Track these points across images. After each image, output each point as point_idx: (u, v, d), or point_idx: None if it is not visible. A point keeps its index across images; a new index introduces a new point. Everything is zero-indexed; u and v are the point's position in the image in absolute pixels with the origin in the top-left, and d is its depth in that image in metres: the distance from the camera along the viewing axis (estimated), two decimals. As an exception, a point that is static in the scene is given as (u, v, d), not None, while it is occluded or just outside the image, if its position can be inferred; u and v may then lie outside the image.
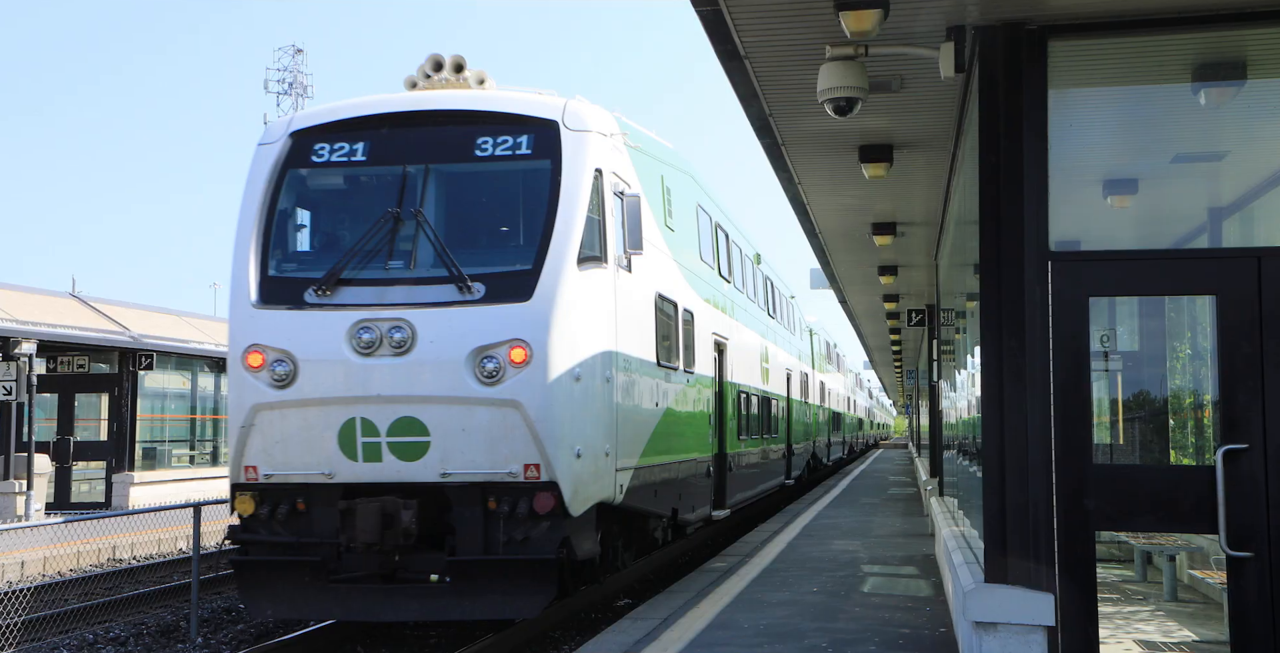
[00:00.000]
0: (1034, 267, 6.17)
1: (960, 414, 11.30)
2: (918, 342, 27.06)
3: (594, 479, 9.69)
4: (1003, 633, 6.01)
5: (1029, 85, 6.25)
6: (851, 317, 25.95)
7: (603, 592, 12.14)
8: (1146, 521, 6.42)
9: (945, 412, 15.14)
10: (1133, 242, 7.45)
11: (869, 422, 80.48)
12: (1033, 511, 6.10)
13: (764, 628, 9.01)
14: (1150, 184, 7.41)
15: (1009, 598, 6.03)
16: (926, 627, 9.06)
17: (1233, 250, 6.72)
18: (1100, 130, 7.18)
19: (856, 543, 15.34)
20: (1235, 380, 6.00)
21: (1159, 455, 10.66)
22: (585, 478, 9.49)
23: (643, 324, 11.35)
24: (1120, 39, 6.44)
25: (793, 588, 11.13)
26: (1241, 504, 5.88)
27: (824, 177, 10.69)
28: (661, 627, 9.09)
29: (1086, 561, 6.08)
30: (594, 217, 9.81)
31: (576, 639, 10.61)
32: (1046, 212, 6.19)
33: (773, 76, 7.68)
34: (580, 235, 9.51)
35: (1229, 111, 6.75)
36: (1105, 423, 10.37)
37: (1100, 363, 9.19)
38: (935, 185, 11.03)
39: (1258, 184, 7.26)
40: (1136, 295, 8.35)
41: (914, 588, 11.20)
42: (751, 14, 6.55)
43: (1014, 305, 6.22)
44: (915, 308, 20.42)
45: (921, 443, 32.05)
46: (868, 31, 6.21)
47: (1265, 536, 5.87)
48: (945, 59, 6.59)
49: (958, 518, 10.83)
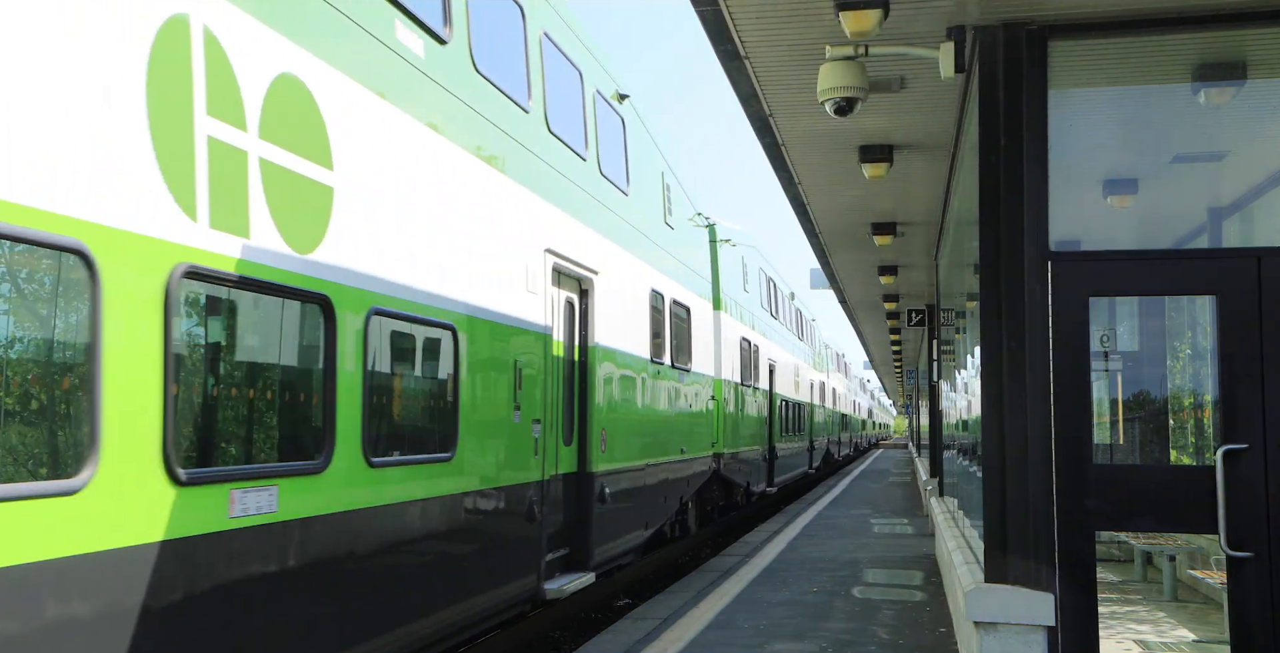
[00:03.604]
0: (1034, 267, 6.17)
1: (960, 414, 11.30)
2: (918, 342, 27.03)
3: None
4: (1003, 633, 6.01)
5: (1029, 85, 6.25)
6: (851, 317, 25.92)
7: (603, 592, 12.14)
8: (1146, 521, 6.41)
9: (945, 412, 15.12)
10: (1133, 242, 7.44)
11: (870, 422, 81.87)
12: (1033, 511, 6.10)
13: (764, 628, 9.01)
14: (1150, 184, 7.40)
15: (1009, 598, 6.03)
16: (927, 627, 9.07)
17: (1233, 250, 6.71)
18: (1100, 130, 7.17)
19: (856, 543, 15.34)
20: (1235, 380, 6.00)
21: (1159, 455, 10.66)
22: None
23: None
24: (1120, 39, 6.43)
25: (792, 588, 11.13)
26: (1241, 504, 5.88)
27: (824, 177, 10.68)
28: (661, 627, 9.09)
29: (1086, 561, 6.08)
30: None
31: (576, 639, 10.61)
32: (1046, 212, 6.19)
33: (773, 76, 7.67)
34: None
35: (1229, 111, 6.74)
36: (1105, 423, 10.37)
37: (1100, 363, 9.18)
38: (935, 185, 11.02)
39: (1258, 184, 7.25)
40: (1136, 295, 8.35)
41: (914, 589, 11.20)
42: (751, 14, 6.55)
43: (1014, 305, 6.22)
44: (915, 308, 20.39)
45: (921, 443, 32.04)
46: (868, 31, 6.21)
47: (1265, 536, 5.87)
48: (945, 59, 6.58)
49: (958, 518, 10.82)
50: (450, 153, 7.48)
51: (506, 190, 8.49)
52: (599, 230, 10.78)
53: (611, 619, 11.01)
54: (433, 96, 7.25)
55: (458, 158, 7.60)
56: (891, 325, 25.02)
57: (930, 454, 19.91)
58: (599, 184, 11.02)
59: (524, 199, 8.80)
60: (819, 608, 9.95)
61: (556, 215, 9.52)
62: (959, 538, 9.40)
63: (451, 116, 7.53)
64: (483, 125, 8.05)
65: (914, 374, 34.39)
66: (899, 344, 30.70)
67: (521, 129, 8.83)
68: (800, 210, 12.37)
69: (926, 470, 21.39)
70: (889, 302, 20.86)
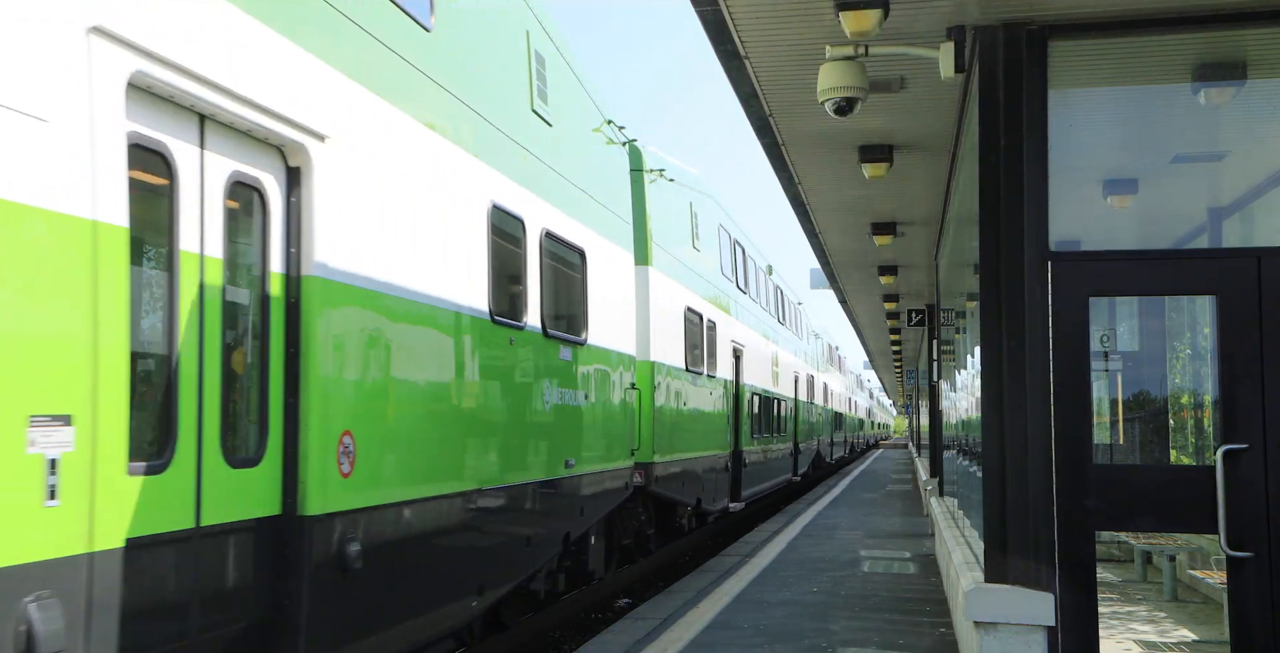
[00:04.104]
0: (1034, 267, 6.17)
1: (960, 414, 11.30)
2: (918, 342, 27.03)
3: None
4: (1003, 633, 6.01)
5: (1029, 85, 6.24)
6: (851, 316, 25.93)
7: (602, 592, 12.14)
8: (1146, 521, 6.42)
9: (945, 412, 15.13)
10: (1133, 242, 7.44)
11: (869, 422, 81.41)
12: (1033, 511, 6.10)
13: (764, 628, 9.01)
14: (1150, 184, 7.40)
15: (1009, 598, 6.03)
16: (927, 627, 9.07)
17: (1233, 250, 6.71)
18: (1100, 130, 7.17)
19: (856, 543, 15.34)
20: (1235, 380, 6.00)
21: (1159, 455, 10.66)
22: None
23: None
24: (1120, 39, 6.43)
25: (792, 588, 11.14)
26: (1241, 504, 5.88)
27: (824, 177, 10.68)
28: (661, 627, 9.09)
29: (1086, 561, 6.08)
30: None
31: (576, 639, 10.61)
32: (1046, 212, 6.19)
33: (773, 76, 7.67)
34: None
35: (1229, 111, 6.75)
36: (1105, 423, 10.37)
37: (1100, 363, 9.18)
38: (935, 185, 11.02)
39: (1258, 184, 7.26)
40: (1136, 295, 8.35)
41: (914, 588, 11.20)
42: (751, 14, 6.55)
43: (1014, 305, 6.22)
44: (915, 308, 20.40)
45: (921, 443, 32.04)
46: (868, 31, 6.21)
47: (1265, 536, 5.87)
48: (945, 59, 6.58)
49: (958, 518, 10.82)
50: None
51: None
52: (314, 52, 5.73)
53: (611, 619, 11.01)
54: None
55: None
56: (891, 325, 25.03)
57: (930, 454, 19.91)
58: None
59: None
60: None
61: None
62: (959, 538, 9.40)
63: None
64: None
65: (914, 374, 34.40)
66: (899, 344, 30.70)
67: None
68: (800, 210, 12.38)
69: (927, 471, 21.39)
70: (889, 302, 20.87)
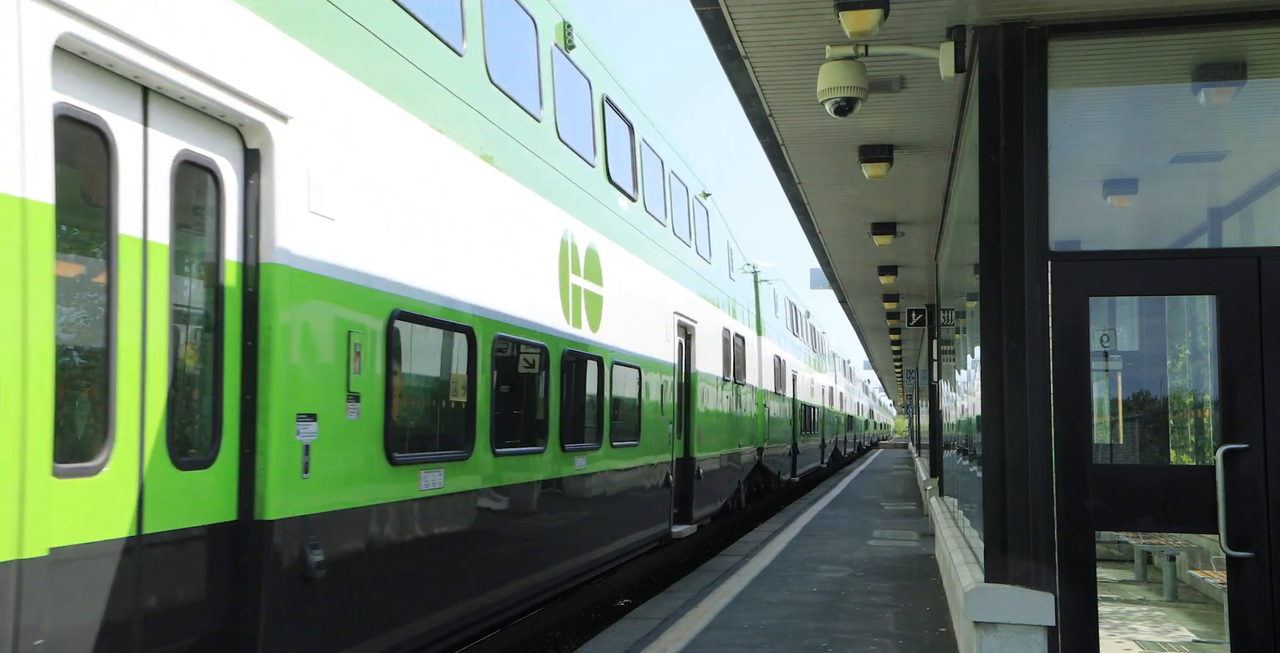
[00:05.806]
0: (1034, 267, 6.17)
1: (960, 414, 11.30)
2: (918, 342, 27.04)
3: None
4: (1003, 633, 6.02)
5: (1029, 85, 6.24)
6: (851, 316, 25.93)
7: (603, 592, 12.14)
8: (1146, 521, 6.41)
9: (945, 412, 15.13)
10: (1133, 242, 7.44)
11: (871, 422, 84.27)
12: (1033, 511, 6.10)
13: (764, 628, 9.01)
14: (1150, 184, 7.40)
15: (1009, 598, 6.03)
16: (927, 626, 9.06)
17: (1233, 250, 6.71)
18: (1100, 130, 7.18)
19: (856, 543, 15.34)
20: (1235, 380, 6.00)
21: (1159, 455, 10.65)
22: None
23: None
24: (1120, 39, 6.43)
25: (792, 588, 11.14)
26: (1241, 504, 5.89)
27: (824, 177, 10.68)
28: (661, 627, 9.09)
29: (1086, 561, 6.08)
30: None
31: (576, 639, 10.61)
32: (1046, 212, 6.19)
33: (773, 76, 7.67)
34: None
35: (1229, 111, 6.75)
36: (1105, 423, 10.37)
37: (1100, 363, 9.18)
38: (935, 185, 11.02)
39: (1258, 184, 7.26)
40: (1136, 295, 8.35)
41: (914, 588, 11.20)
42: (751, 14, 6.55)
43: (1014, 305, 6.22)
44: (915, 308, 20.39)
45: (921, 443, 32.08)
46: (868, 31, 6.21)
47: (1265, 536, 5.87)
48: (945, 59, 6.58)
49: (958, 518, 10.82)
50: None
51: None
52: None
53: (611, 619, 11.01)
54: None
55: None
56: (891, 325, 25.02)
57: (930, 454, 19.91)
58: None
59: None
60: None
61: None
62: (959, 538, 9.40)
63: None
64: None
65: (914, 374, 34.39)
66: (899, 344, 30.69)
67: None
68: (800, 210, 12.37)
69: (926, 471, 21.38)
70: (889, 302, 20.86)
